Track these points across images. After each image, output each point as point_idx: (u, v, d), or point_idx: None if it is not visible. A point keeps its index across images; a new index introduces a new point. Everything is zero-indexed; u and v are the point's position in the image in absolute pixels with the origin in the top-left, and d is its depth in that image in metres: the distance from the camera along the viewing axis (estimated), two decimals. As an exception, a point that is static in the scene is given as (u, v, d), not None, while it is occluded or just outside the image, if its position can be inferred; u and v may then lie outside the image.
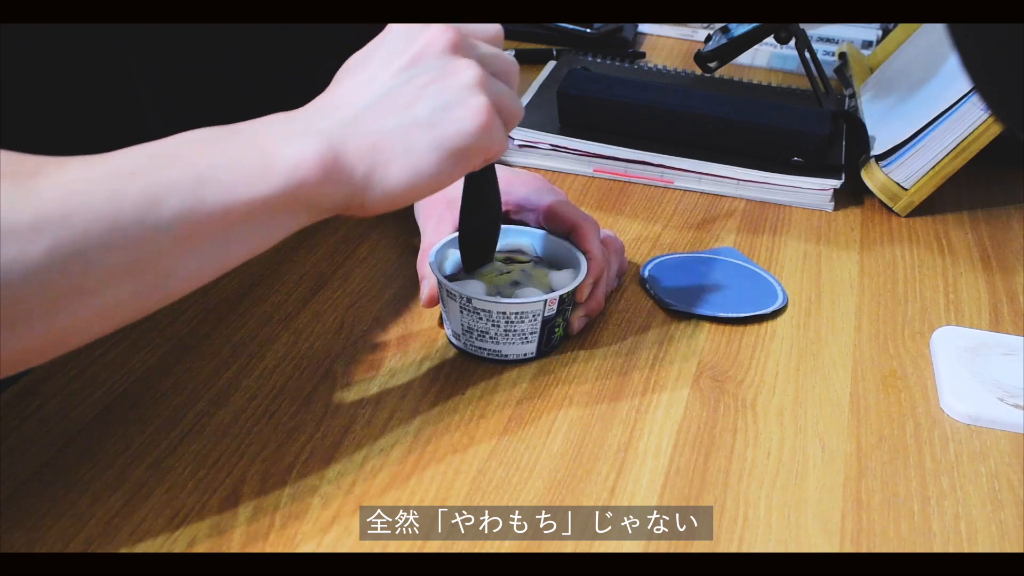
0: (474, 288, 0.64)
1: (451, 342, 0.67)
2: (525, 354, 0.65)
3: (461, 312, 0.64)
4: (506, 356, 0.65)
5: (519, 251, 0.70)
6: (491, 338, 0.64)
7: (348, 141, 0.52)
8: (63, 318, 0.46)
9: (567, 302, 0.65)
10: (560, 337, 0.67)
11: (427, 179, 0.53)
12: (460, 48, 0.55)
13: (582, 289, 0.66)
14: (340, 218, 0.81)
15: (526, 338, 0.64)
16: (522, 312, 0.63)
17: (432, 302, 0.67)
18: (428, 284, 0.67)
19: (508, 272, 0.67)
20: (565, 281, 0.66)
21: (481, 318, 0.63)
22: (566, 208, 0.69)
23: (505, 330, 0.63)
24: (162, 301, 0.50)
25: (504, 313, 0.63)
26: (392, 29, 0.56)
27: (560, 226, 0.69)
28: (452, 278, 0.65)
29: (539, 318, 0.63)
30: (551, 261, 0.69)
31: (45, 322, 0.45)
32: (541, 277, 0.67)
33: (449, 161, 0.53)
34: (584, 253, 0.67)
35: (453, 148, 0.53)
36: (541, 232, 0.70)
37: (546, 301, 0.63)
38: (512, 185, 0.71)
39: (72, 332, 0.47)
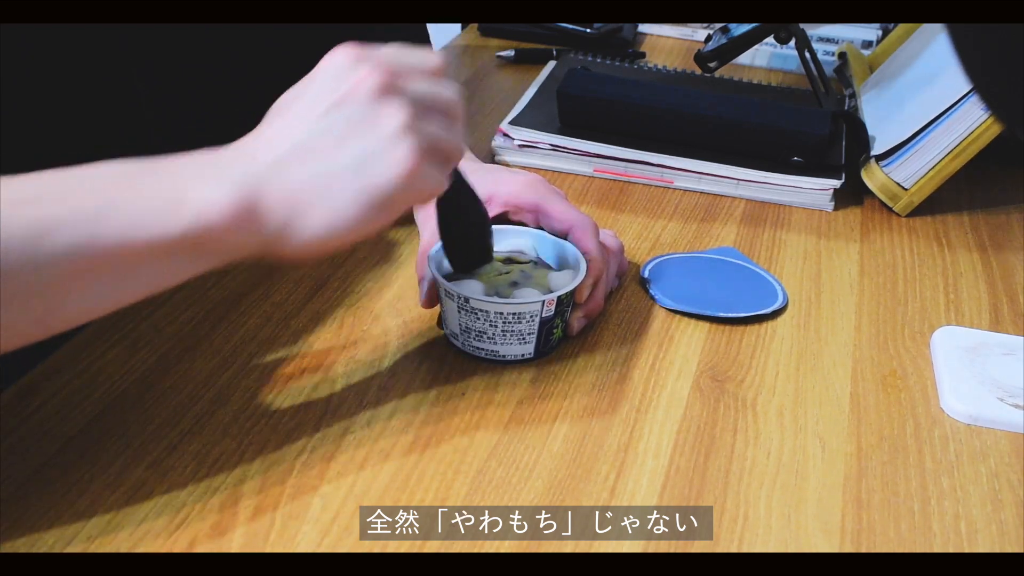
0: (472, 288, 0.64)
1: (450, 342, 0.67)
2: (523, 355, 0.65)
3: (459, 312, 0.64)
4: (504, 357, 0.65)
5: (519, 252, 0.70)
6: (489, 338, 0.64)
7: (265, 189, 0.50)
8: None
9: (566, 303, 0.65)
10: (559, 338, 0.67)
11: (348, 229, 0.51)
12: (389, 90, 0.52)
13: (581, 290, 0.66)
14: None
15: (524, 339, 0.64)
16: (520, 312, 0.63)
17: (431, 302, 0.67)
18: (426, 284, 0.67)
19: (507, 272, 0.67)
20: (564, 282, 0.66)
21: (479, 318, 0.63)
22: (565, 209, 0.69)
23: (503, 331, 0.63)
24: (62, 326, 0.50)
25: (501, 313, 0.63)
26: (322, 67, 0.53)
27: (559, 227, 0.69)
28: (451, 278, 0.65)
29: (537, 319, 0.63)
30: (550, 262, 0.69)
31: None
32: (540, 278, 0.67)
33: (372, 211, 0.51)
34: (583, 254, 0.67)
35: (376, 198, 0.51)
36: (540, 233, 0.70)
37: (544, 302, 0.63)
38: (511, 186, 0.71)
39: None
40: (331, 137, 0.51)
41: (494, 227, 0.69)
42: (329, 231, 0.51)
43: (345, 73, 0.52)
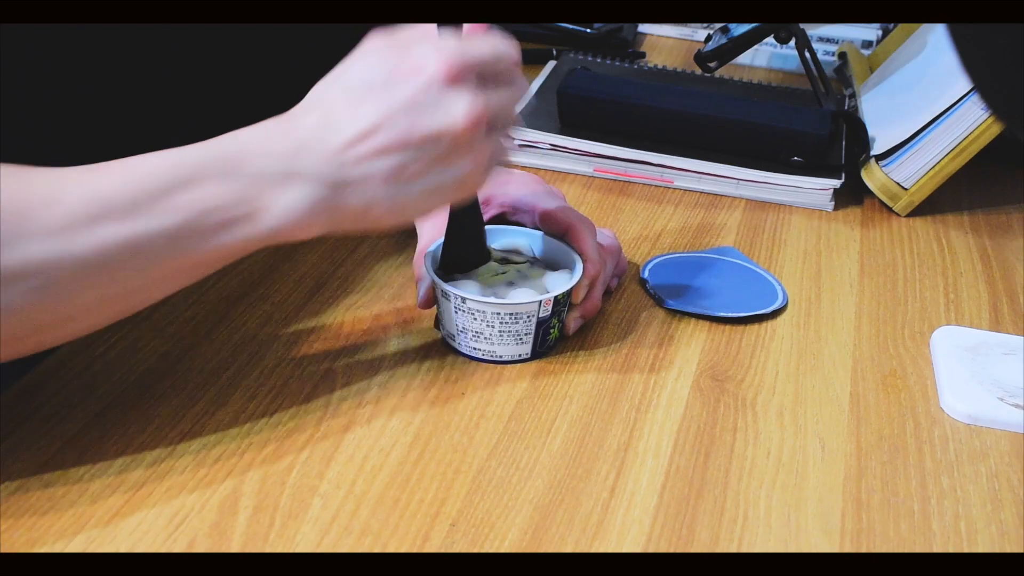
0: (469, 288, 0.64)
1: (447, 343, 0.67)
2: (520, 355, 0.65)
3: (456, 312, 0.64)
4: (501, 357, 0.65)
5: (515, 252, 0.70)
6: (486, 339, 0.64)
7: (345, 198, 0.53)
8: (43, 338, 0.53)
9: (562, 303, 0.65)
10: (555, 339, 0.67)
11: (406, 225, 0.58)
12: (476, 132, 0.54)
13: (577, 290, 0.66)
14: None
15: (521, 339, 0.64)
16: (516, 313, 0.63)
17: (428, 303, 0.67)
18: (424, 284, 0.67)
19: (503, 273, 0.67)
20: (560, 282, 0.66)
21: (475, 318, 0.63)
22: (562, 209, 0.69)
23: (500, 331, 0.63)
24: (129, 313, 0.56)
25: (498, 314, 0.63)
26: (411, 74, 0.53)
27: (556, 227, 0.69)
28: (448, 278, 0.65)
29: (533, 319, 0.63)
30: (547, 262, 0.69)
31: (25, 343, 0.52)
32: (537, 278, 0.67)
33: (436, 211, 0.59)
34: (579, 254, 0.67)
35: (442, 206, 0.58)
36: (538, 233, 0.70)
37: (541, 302, 0.63)
38: (508, 186, 0.71)
39: (52, 343, 0.55)
40: (415, 166, 0.54)
41: (492, 227, 0.69)
42: (396, 226, 0.58)
43: (443, 103, 0.53)
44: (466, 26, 0.57)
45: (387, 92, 0.53)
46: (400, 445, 0.58)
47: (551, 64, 1.12)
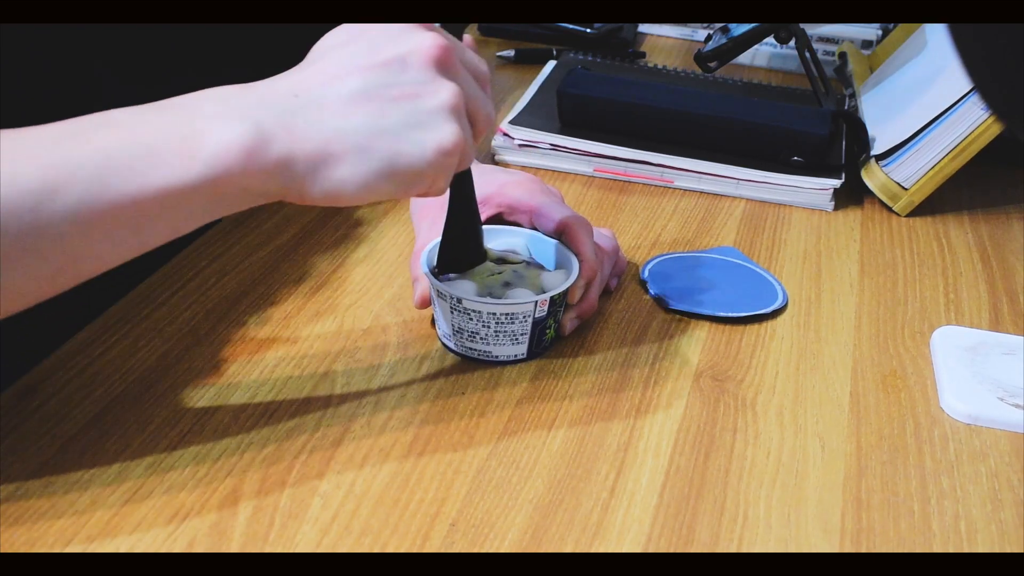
0: (465, 289, 0.64)
1: (443, 343, 0.67)
2: (516, 355, 0.65)
3: (452, 312, 0.64)
4: (496, 357, 0.65)
5: (512, 251, 0.70)
6: (481, 339, 0.64)
7: (297, 130, 0.48)
8: None
9: (558, 304, 0.65)
10: (551, 339, 0.67)
11: (369, 191, 0.50)
12: (448, 64, 0.52)
13: (574, 291, 0.66)
14: (339, 217, 0.81)
15: (516, 339, 0.64)
16: (512, 313, 0.63)
17: (424, 303, 0.67)
18: (420, 284, 0.67)
19: (500, 273, 0.67)
20: (557, 282, 0.66)
21: (471, 319, 0.63)
22: (559, 210, 0.69)
23: (495, 331, 0.63)
24: (75, 280, 0.49)
25: (494, 314, 0.63)
26: (377, 25, 0.52)
27: (553, 228, 0.69)
28: (443, 278, 0.65)
29: (529, 319, 0.63)
30: (543, 262, 0.69)
31: None
32: (533, 278, 0.67)
33: (395, 180, 0.50)
34: (576, 255, 0.67)
35: (406, 169, 0.50)
36: (534, 233, 0.70)
37: (536, 303, 0.63)
38: (505, 186, 0.71)
39: None
40: (383, 95, 0.50)
41: (488, 227, 0.69)
42: (354, 190, 0.50)
43: (406, 35, 0.51)
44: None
45: (355, 38, 0.51)
46: (400, 445, 0.58)
47: (551, 64, 1.12)
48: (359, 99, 0.49)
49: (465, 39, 0.57)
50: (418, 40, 0.51)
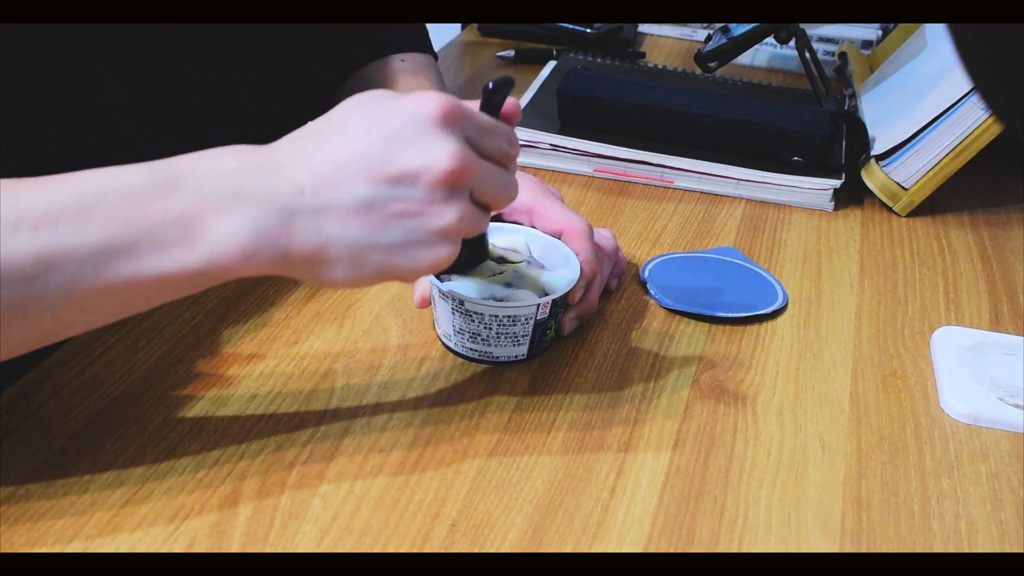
0: (466, 289, 0.64)
1: (443, 343, 0.67)
2: (516, 356, 0.65)
3: (453, 314, 0.64)
4: (497, 358, 0.65)
5: (512, 250, 0.69)
6: (483, 340, 0.64)
7: (296, 231, 0.49)
8: None
9: (559, 305, 0.65)
10: (552, 339, 0.67)
11: (361, 285, 0.52)
12: (458, 186, 0.50)
13: (574, 292, 0.66)
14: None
15: (517, 340, 0.64)
16: (514, 315, 0.63)
17: (425, 302, 0.67)
18: (421, 285, 0.67)
19: (500, 273, 0.67)
20: (557, 283, 0.66)
21: (473, 320, 0.63)
22: (559, 210, 0.69)
23: (497, 332, 0.63)
24: (65, 337, 0.51)
25: (496, 316, 0.63)
26: (406, 110, 0.49)
27: (552, 228, 0.69)
28: (444, 278, 0.65)
29: (531, 321, 0.63)
30: (544, 262, 0.69)
31: None
32: (534, 278, 0.67)
33: (388, 278, 0.52)
34: (576, 255, 0.67)
35: (399, 275, 0.51)
36: (535, 231, 0.70)
37: (539, 305, 0.63)
38: None
39: None
40: (388, 207, 0.49)
41: (489, 224, 0.68)
42: (344, 284, 0.51)
43: (429, 140, 0.49)
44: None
45: (370, 125, 0.49)
46: (400, 445, 0.58)
47: (551, 64, 1.12)
48: (362, 210, 0.49)
49: (509, 104, 0.54)
50: (435, 154, 0.49)
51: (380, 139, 0.49)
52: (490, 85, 0.53)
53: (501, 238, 0.69)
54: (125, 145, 0.74)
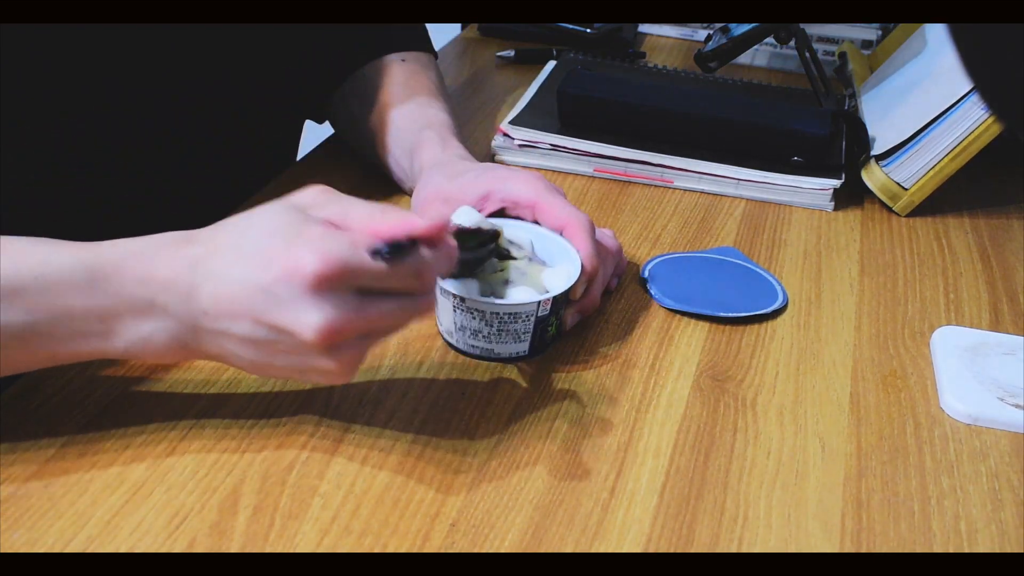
0: (468, 287, 0.64)
1: (444, 339, 0.67)
2: (518, 353, 0.65)
3: (454, 311, 0.64)
4: (499, 355, 0.65)
5: (515, 245, 0.69)
6: (484, 337, 0.64)
7: (203, 342, 0.53)
8: None
9: (561, 302, 0.65)
10: (553, 335, 0.67)
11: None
12: (330, 345, 0.51)
13: (576, 288, 0.66)
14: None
15: (519, 337, 0.64)
16: (515, 313, 0.63)
17: None
18: None
19: (502, 270, 0.67)
20: (559, 279, 0.65)
21: (474, 317, 0.63)
22: (561, 206, 0.69)
23: (498, 330, 0.63)
24: None
25: (497, 314, 0.63)
26: (273, 258, 0.50)
27: (555, 224, 0.69)
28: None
29: (532, 318, 0.63)
30: (546, 257, 0.69)
31: None
32: (535, 275, 0.67)
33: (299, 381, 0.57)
34: (578, 251, 0.67)
35: (309, 381, 0.57)
36: (537, 227, 0.70)
37: (540, 302, 0.63)
38: (508, 182, 0.71)
39: None
40: (272, 346, 0.52)
41: (492, 220, 0.68)
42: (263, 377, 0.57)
43: (295, 305, 0.50)
44: (417, 224, 0.52)
45: (260, 265, 0.50)
46: (400, 445, 0.58)
47: (551, 64, 1.12)
48: (251, 342, 0.52)
49: (431, 227, 0.52)
50: (303, 323, 0.50)
51: (259, 289, 0.50)
52: (384, 249, 0.50)
53: (504, 232, 0.69)
54: (125, 145, 0.74)
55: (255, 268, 0.51)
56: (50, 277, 0.52)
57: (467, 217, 0.65)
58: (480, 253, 0.64)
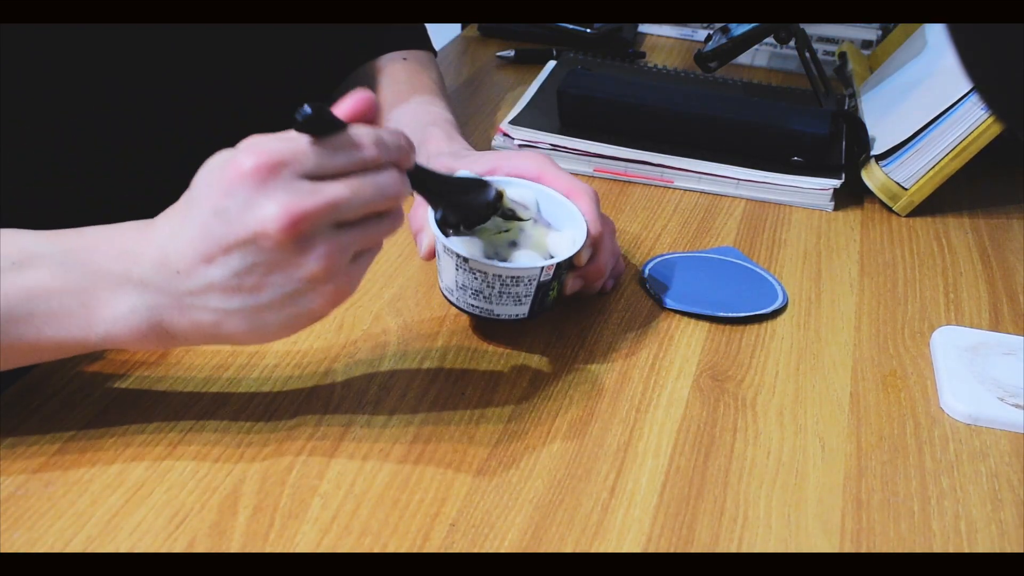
0: (472, 247, 0.63)
1: (444, 296, 0.66)
2: (517, 315, 0.65)
3: (456, 270, 0.63)
4: (499, 316, 0.64)
5: (521, 205, 0.68)
6: (484, 297, 0.64)
7: (188, 311, 0.51)
8: None
9: (564, 267, 0.65)
10: (554, 300, 0.66)
11: (272, 340, 0.54)
12: (300, 238, 0.49)
13: (580, 254, 0.65)
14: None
15: (519, 300, 0.64)
16: (517, 276, 0.63)
17: (430, 255, 0.67)
18: (427, 237, 0.66)
19: (507, 231, 0.66)
20: (562, 243, 0.65)
21: (476, 278, 0.63)
22: (566, 179, 0.68)
23: (499, 291, 0.63)
24: None
25: (500, 276, 0.62)
26: (228, 177, 0.49)
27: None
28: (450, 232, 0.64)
29: (534, 282, 0.63)
30: (551, 220, 0.68)
31: None
32: (539, 238, 0.66)
33: (297, 329, 0.53)
34: (583, 216, 0.66)
35: (303, 324, 0.53)
36: (545, 189, 0.68)
37: (543, 267, 0.63)
38: (513, 159, 0.71)
39: None
40: (251, 273, 0.50)
41: (500, 178, 0.67)
42: (258, 342, 0.54)
43: (247, 206, 0.49)
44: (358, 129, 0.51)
45: (204, 197, 0.50)
46: (400, 445, 0.58)
47: (551, 64, 1.12)
48: (231, 282, 0.51)
49: (357, 101, 0.52)
50: (260, 218, 0.49)
51: (212, 214, 0.50)
52: (298, 117, 0.49)
53: (511, 191, 0.68)
54: (125, 145, 0.74)
55: (202, 205, 0.50)
56: (23, 259, 0.52)
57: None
58: (474, 199, 0.63)
